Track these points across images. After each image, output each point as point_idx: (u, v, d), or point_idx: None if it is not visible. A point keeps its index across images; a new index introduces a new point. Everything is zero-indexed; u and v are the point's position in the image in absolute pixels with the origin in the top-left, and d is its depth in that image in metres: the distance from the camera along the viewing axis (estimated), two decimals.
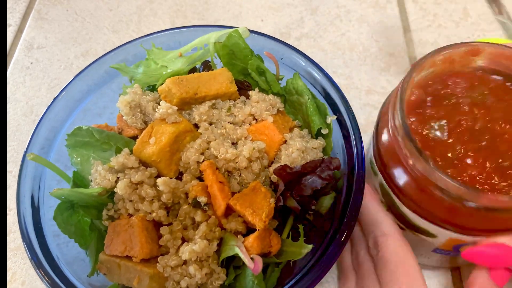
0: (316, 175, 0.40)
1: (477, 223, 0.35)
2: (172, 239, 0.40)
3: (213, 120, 0.46)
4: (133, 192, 0.42)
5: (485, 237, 0.36)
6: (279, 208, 0.41)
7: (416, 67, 0.37)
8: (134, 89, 0.48)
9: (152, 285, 0.39)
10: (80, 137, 0.45)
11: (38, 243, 0.41)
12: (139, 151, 0.43)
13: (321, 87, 0.48)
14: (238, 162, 0.42)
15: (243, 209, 0.39)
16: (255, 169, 0.43)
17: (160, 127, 0.43)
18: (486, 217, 0.34)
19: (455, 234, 0.37)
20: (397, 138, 0.36)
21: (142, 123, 0.47)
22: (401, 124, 0.34)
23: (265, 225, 0.39)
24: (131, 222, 0.41)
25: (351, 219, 0.39)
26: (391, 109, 0.37)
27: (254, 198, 0.40)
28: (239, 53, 0.48)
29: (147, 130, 0.44)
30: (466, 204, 0.33)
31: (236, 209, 0.40)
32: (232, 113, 0.47)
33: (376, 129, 0.42)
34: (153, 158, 0.42)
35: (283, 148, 0.44)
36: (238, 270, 0.40)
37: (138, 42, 0.53)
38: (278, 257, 0.40)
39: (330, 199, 0.43)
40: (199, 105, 0.47)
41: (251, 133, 0.46)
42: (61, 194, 0.41)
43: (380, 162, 0.40)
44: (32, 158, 0.43)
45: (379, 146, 0.40)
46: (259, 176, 0.43)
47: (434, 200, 0.35)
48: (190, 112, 0.47)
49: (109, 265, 0.41)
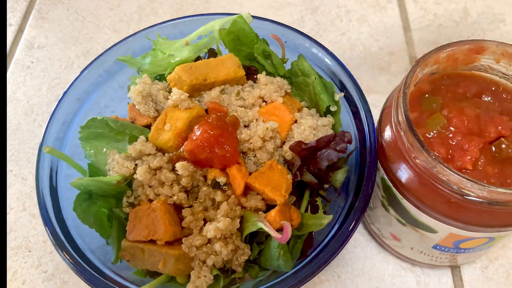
0: (331, 148, 0.42)
1: (478, 218, 0.36)
2: (194, 220, 0.41)
3: (224, 104, 0.47)
4: (153, 178, 0.42)
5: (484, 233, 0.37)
6: (296, 184, 0.42)
7: (420, 63, 0.38)
8: (144, 79, 0.49)
9: (178, 266, 0.40)
10: (94, 129, 0.46)
11: (61, 232, 0.42)
12: (154, 138, 0.44)
13: (326, 66, 0.49)
14: (252, 142, 0.44)
15: (262, 186, 0.40)
16: (270, 148, 0.44)
17: (174, 113, 0.44)
18: (487, 212, 0.34)
19: (455, 230, 0.37)
20: (400, 133, 0.36)
21: (155, 111, 0.48)
22: (404, 118, 0.35)
23: (285, 199, 0.40)
24: (153, 206, 0.41)
25: (367, 191, 0.40)
26: (395, 104, 0.37)
27: (271, 176, 0.41)
28: (245, 38, 0.49)
29: (161, 117, 0.44)
30: (467, 198, 0.33)
31: (255, 187, 0.41)
32: (241, 97, 0.48)
33: (378, 126, 0.42)
34: (169, 144, 0.43)
35: (294, 127, 0.46)
36: (261, 246, 0.42)
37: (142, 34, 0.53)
38: (300, 230, 0.42)
39: (344, 173, 0.44)
40: (209, 91, 0.48)
41: (262, 115, 0.47)
42: (80, 183, 0.42)
43: (382, 157, 0.41)
44: (48, 151, 0.43)
45: (381, 142, 0.41)
46: (273, 156, 0.45)
47: (435, 193, 0.35)
48: (200, 99, 0.48)
49: (133, 251, 0.42)
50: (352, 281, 0.52)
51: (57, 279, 0.53)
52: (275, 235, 0.38)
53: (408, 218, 0.41)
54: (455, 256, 0.45)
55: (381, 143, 0.41)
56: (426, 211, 0.38)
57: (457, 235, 0.39)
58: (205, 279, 0.40)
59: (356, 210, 0.39)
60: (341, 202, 0.43)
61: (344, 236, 0.39)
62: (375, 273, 0.52)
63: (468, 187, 0.32)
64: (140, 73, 0.52)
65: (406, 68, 0.68)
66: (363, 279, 0.52)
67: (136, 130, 0.46)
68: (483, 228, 0.36)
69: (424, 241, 0.43)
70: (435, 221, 0.38)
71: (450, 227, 0.37)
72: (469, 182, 0.32)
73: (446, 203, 0.36)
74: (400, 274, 0.52)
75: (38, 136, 0.64)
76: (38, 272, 0.54)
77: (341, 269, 0.53)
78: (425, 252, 0.45)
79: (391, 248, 0.51)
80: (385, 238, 0.50)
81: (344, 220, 0.40)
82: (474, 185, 0.32)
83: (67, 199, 0.45)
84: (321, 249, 0.39)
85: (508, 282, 0.51)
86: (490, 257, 0.53)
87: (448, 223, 0.37)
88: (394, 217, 0.44)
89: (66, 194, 0.45)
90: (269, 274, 0.42)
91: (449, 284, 0.51)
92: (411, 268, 0.52)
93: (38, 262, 0.54)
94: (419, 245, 0.44)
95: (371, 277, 0.52)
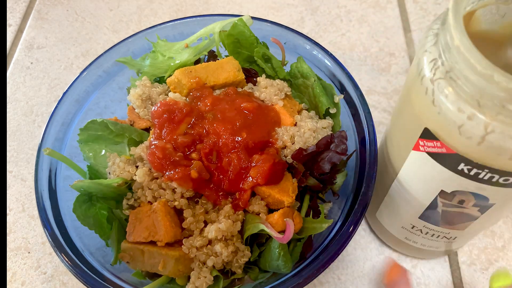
0: (332, 151, 0.42)
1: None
2: (195, 222, 0.42)
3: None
4: (153, 181, 0.43)
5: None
6: (301, 189, 0.43)
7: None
8: (143, 81, 0.49)
9: (178, 267, 0.40)
10: (93, 131, 0.46)
11: (60, 234, 0.42)
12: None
13: (326, 68, 0.49)
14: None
15: (269, 189, 0.41)
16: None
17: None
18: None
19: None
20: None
21: None
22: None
23: (292, 199, 0.40)
24: (154, 207, 0.41)
25: (366, 193, 0.40)
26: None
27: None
28: (245, 41, 0.49)
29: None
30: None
31: (262, 189, 0.41)
32: None
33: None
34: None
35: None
36: (261, 247, 0.42)
37: (141, 35, 0.53)
38: (300, 233, 0.42)
39: (343, 177, 0.45)
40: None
41: None
42: (81, 186, 0.42)
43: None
44: (48, 153, 0.43)
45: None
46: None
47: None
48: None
49: (132, 252, 0.42)
50: (352, 283, 0.52)
51: (56, 280, 0.53)
52: (277, 235, 0.38)
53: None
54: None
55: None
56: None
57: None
58: (205, 280, 0.40)
59: (355, 212, 0.39)
60: (341, 205, 0.43)
61: (344, 238, 0.39)
62: (375, 275, 0.52)
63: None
64: (140, 75, 0.52)
65: (406, 69, 0.68)
66: (363, 281, 0.52)
67: (135, 133, 0.46)
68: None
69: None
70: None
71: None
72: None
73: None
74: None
75: (38, 137, 0.64)
76: (37, 274, 0.54)
77: (341, 271, 0.53)
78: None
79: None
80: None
81: (343, 222, 0.40)
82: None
83: (66, 200, 0.45)
84: (321, 251, 0.39)
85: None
86: (490, 259, 0.52)
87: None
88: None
89: (65, 196, 0.45)
90: (268, 276, 0.42)
91: (449, 285, 0.51)
92: (411, 270, 0.52)
93: (37, 264, 0.54)
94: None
95: (371, 279, 0.52)
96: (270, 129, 0.44)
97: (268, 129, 0.44)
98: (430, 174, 0.36)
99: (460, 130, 0.30)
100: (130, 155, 0.44)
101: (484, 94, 0.28)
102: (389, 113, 0.64)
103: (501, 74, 0.26)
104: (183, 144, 0.42)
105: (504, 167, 0.31)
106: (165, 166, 0.41)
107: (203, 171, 0.41)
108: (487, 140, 0.29)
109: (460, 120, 0.29)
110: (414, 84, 0.34)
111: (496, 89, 0.27)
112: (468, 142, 0.30)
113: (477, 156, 0.31)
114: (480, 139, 0.29)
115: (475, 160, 0.31)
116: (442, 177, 0.35)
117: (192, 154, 0.43)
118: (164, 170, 0.41)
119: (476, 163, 0.31)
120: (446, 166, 0.34)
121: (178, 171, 0.40)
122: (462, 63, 0.28)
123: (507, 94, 0.26)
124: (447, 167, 0.34)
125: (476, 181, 0.33)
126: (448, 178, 0.35)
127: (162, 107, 0.44)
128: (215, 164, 0.42)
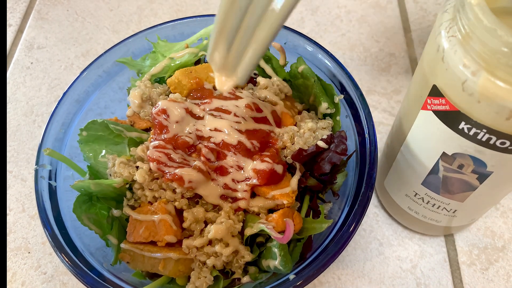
0: (332, 151, 0.42)
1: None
2: (196, 222, 0.42)
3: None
4: (153, 182, 0.43)
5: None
6: (301, 190, 0.43)
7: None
8: (144, 81, 0.48)
9: (178, 267, 0.40)
10: (93, 131, 0.46)
11: (60, 234, 0.42)
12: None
13: (326, 68, 0.49)
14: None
15: (269, 189, 0.41)
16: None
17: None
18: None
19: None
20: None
21: None
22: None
23: (293, 200, 0.41)
24: (154, 207, 0.41)
25: (366, 193, 0.40)
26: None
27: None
28: None
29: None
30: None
31: (262, 190, 0.41)
32: None
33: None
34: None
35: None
36: (261, 248, 0.42)
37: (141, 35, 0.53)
38: (300, 234, 0.42)
39: (343, 177, 0.45)
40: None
41: None
42: (81, 186, 0.42)
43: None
44: (48, 153, 0.43)
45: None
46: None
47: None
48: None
49: (132, 252, 0.42)
50: (352, 283, 0.52)
51: (57, 280, 0.53)
52: (276, 235, 0.38)
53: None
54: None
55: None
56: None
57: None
58: (205, 280, 0.40)
59: (356, 212, 0.39)
60: (341, 205, 0.43)
61: (344, 238, 0.39)
62: (375, 275, 0.52)
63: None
64: (140, 75, 0.52)
65: (406, 69, 0.68)
66: (363, 281, 0.52)
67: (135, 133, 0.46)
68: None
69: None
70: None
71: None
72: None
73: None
74: (400, 276, 0.52)
75: (38, 137, 0.64)
76: (37, 274, 0.54)
77: (341, 271, 0.53)
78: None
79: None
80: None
81: (343, 222, 0.40)
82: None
83: (66, 200, 0.45)
84: (321, 251, 0.39)
85: (509, 284, 0.51)
86: (491, 259, 0.52)
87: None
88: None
89: (65, 196, 0.45)
90: (268, 277, 0.42)
91: (449, 286, 0.51)
92: (411, 270, 0.52)
93: (37, 264, 0.54)
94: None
95: (371, 279, 0.52)
96: (270, 130, 0.44)
97: (268, 130, 0.44)
98: (434, 135, 0.38)
99: (463, 86, 0.31)
100: (130, 156, 0.44)
101: (488, 50, 0.29)
102: (389, 113, 0.64)
103: (504, 28, 0.28)
104: (183, 144, 0.42)
105: (501, 128, 0.32)
106: (165, 166, 0.41)
107: (203, 171, 0.41)
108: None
109: (464, 76, 0.31)
110: (429, 43, 0.35)
111: (500, 43, 0.28)
112: (469, 99, 0.31)
113: (476, 115, 0.32)
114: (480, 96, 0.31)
115: (475, 118, 0.32)
116: (444, 138, 0.37)
117: (192, 154, 0.43)
118: (164, 170, 0.41)
119: (475, 122, 0.33)
120: (448, 124, 0.35)
121: (178, 171, 0.40)
122: (472, 19, 0.29)
123: (509, 50, 0.28)
124: (449, 126, 0.35)
125: (475, 142, 0.35)
126: (449, 139, 0.36)
127: (163, 107, 0.44)
128: (215, 164, 0.42)
